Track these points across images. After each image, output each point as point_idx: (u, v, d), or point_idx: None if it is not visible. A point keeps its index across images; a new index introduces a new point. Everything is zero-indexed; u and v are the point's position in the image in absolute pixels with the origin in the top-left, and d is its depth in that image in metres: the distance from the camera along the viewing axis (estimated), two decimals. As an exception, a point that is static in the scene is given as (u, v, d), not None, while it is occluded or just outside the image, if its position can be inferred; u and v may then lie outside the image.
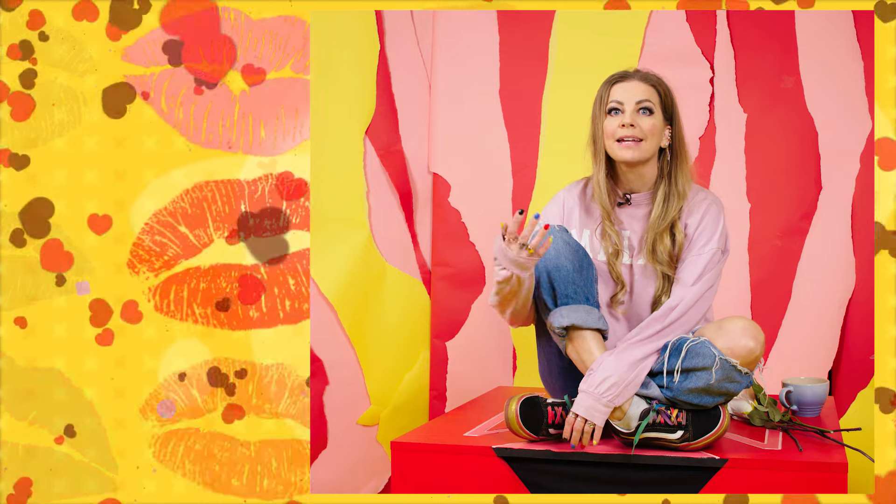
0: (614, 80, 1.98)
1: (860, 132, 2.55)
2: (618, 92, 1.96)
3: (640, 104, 1.94)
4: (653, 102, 1.95)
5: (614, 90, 1.97)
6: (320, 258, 2.34)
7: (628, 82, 1.97)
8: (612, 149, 1.95)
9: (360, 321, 2.49)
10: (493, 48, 2.76)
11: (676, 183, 1.97)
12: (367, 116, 2.54)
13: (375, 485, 2.59)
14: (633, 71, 2.00)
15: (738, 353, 1.82)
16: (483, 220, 2.77)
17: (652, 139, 1.94)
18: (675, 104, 1.99)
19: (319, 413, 2.39)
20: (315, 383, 2.37)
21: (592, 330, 1.88)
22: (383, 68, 2.60)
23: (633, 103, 1.94)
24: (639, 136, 1.93)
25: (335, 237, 2.41)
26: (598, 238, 2.00)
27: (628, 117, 1.93)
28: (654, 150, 1.96)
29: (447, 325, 2.77)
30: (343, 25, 2.44)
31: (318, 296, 2.36)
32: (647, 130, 1.93)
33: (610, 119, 1.95)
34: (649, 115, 1.94)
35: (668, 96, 1.98)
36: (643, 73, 1.99)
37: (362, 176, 2.51)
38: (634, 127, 1.93)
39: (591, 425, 1.81)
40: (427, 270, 2.79)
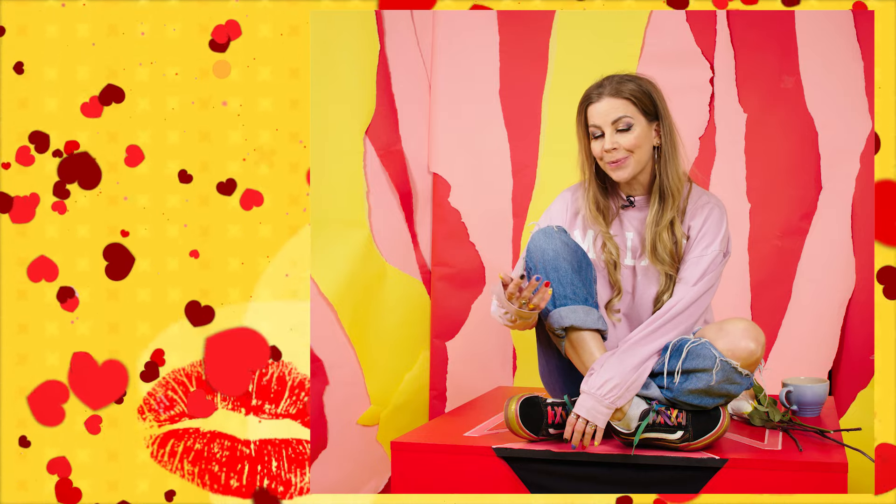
0: (587, 103, 1.96)
1: (860, 132, 2.55)
2: (593, 116, 1.94)
3: (616, 124, 1.92)
4: (629, 115, 1.92)
5: (590, 114, 1.95)
6: (320, 258, 2.34)
7: (600, 102, 1.93)
8: (606, 170, 1.97)
9: (360, 321, 2.49)
10: (493, 48, 2.76)
11: (669, 178, 1.96)
12: (367, 116, 2.54)
13: (375, 485, 2.59)
14: (605, 83, 1.95)
15: (738, 354, 1.82)
16: (483, 220, 2.77)
17: (638, 151, 1.94)
18: (657, 101, 1.95)
19: (319, 413, 2.39)
20: (315, 383, 2.37)
21: (591, 331, 1.88)
22: (383, 68, 2.60)
23: (608, 125, 1.93)
24: (623, 156, 1.93)
25: (335, 237, 2.41)
26: (599, 248, 2.01)
27: (608, 141, 1.92)
28: (646, 156, 1.96)
29: (447, 325, 2.77)
30: (343, 25, 2.44)
31: (318, 296, 2.36)
32: (630, 146, 1.92)
33: (594, 143, 1.96)
34: (628, 131, 1.93)
35: (645, 98, 1.94)
36: (614, 86, 1.94)
37: (362, 176, 2.51)
38: (616, 149, 1.92)
39: (592, 426, 1.81)
40: (427, 270, 2.79)
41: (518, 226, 2.75)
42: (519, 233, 2.75)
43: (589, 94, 1.96)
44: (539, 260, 1.89)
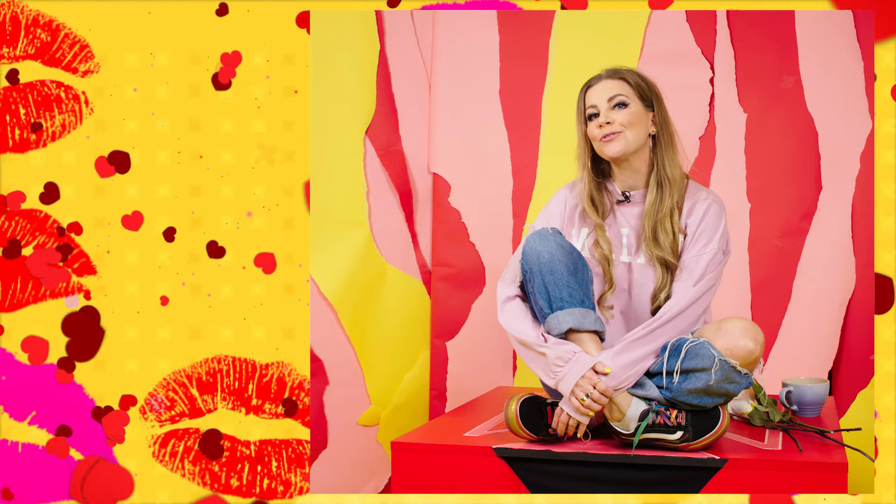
0: (586, 87, 2.01)
1: (860, 132, 2.55)
2: (591, 97, 1.98)
3: (612, 100, 1.96)
4: (625, 94, 1.96)
5: (588, 96, 1.99)
6: (320, 258, 2.34)
7: (598, 84, 1.99)
8: (599, 149, 1.97)
9: (360, 321, 2.49)
10: (493, 48, 2.76)
11: (665, 168, 1.97)
12: (367, 116, 2.54)
13: (375, 485, 2.59)
14: (603, 72, 2.01)
15: (737, 353, 1.82)
16: (483, 220, 2.77)
17: (632, 129, 1.95)
18: (653, 89, 2.00)
19: (319, 413, 2.39)
20: (315, 383, 2.37)
21: (589, 332, 1.88)
22: (383, 68, 2.60)
23: (604, 102, 1.96)
24: (616, 130, 1.95)
25: (335, 237, 2.41)
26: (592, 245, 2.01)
27: (603, 116, 1.95)
28: (640, 138, 1.96)
29: (447, 325, 2.77)
30: (343, 25, 2.44)
31: (318, 296, 2.36)
32: (624, 122, 1.95)
33: (591, 125, 1.98)
34: (624, 108, 1.96)
35: (642, 83, 1.99)
36: (612, 70, 2.01)
37: (362, 176, 2.51)
38: (611, 124, 1.95)
39: (575, 421, 1.83)
40: (427, 270, 2.79)
41: (518, 226, 2.76)
42: (519, 233, 2.75)
43: (588, 81, 2.01)
44: (535, 262, 1.89)
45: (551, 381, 1.87)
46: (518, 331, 1.92)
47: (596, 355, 1.85)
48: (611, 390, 1.81)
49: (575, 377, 1.82)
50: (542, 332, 1.90)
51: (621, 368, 1.83)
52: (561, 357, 1.84)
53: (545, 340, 1.87)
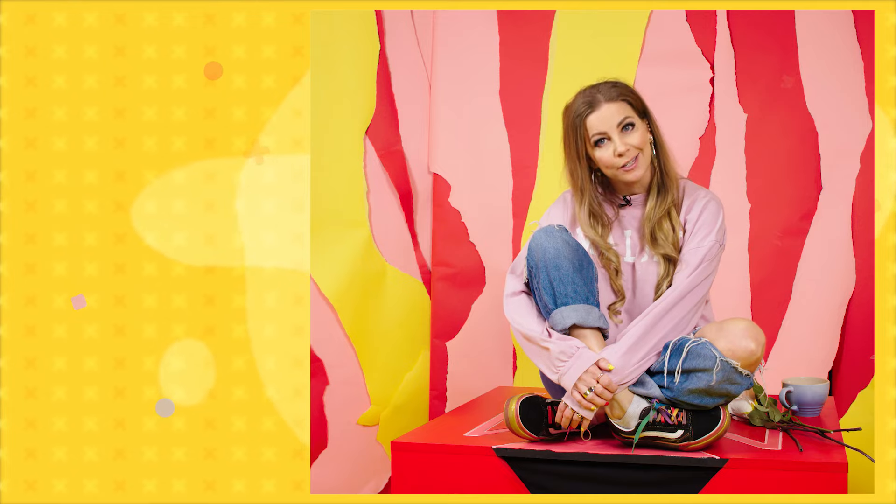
0: (585, 113, 1.94)
1: (860, 132, 2.55)
2: (596, 124, 1.93)
3: (621, 123, 1.93)
4: (629, 115, 1.94)
5: (590, 124, 1.94)
6: (320, 258, 2.34)
7: (600, 110, 1.93)
8: (618, 176, 1.96)
9: (360, 321, 2.49)
10: (493, 48, 2.76)
11: (667, 172, 1.99)
12: (367, 116, 2.54)
13: (375, 485, 2.59)
14: (596, 91, 1.95)
15: (738, 354, 1.82)
16: (483, 221, 2.77)
17: (644, 147, 1.95)
18: (641, 99, 1.98)
19: (319, 413, 2.39)
20: (315, 383, 2.37)
21: (593, 329, 1.88)
22: (383, 68, 2.60)
23: (614, 128, 1.93)
24: (635, 155, 1.94)
25: (335, 237, 2.41)
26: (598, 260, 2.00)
27: (619, 143, 1.92)
28: (649, 153, 1.97)
29: (447, 325, 2.77)
30: (343, 25, 2.44)
31: (318, 296, 2.36)
32: (638, 144, 1.93)
33: (600, 150, 1.95)
34: (632, 129, 1.94)
35: (634, 97, 1.97)
36: (607, 92, 1.95)
37: (362, 176, 2.51)
38: (629, 150, 1.93)
39: (579, 416, 1.84)
40: (427, 270, 2.79)
41: (518, 226, 2.76)
42: (519, 233, 2.75)
43: (581, 109, 1.95)
44: (540, 258, 1.90)
45: (554, 376, 1.87)
46: (522, 325, 1.92)
47: (599, 352, 1.86)
48: (614, 385, 1.81)
49: (578, 372, 1.82)
50: (547, 327, 1.90)
51: (624, 364, 1.83)
52: (564, 352, 1.84)
53: (549, 335, 1.88)
